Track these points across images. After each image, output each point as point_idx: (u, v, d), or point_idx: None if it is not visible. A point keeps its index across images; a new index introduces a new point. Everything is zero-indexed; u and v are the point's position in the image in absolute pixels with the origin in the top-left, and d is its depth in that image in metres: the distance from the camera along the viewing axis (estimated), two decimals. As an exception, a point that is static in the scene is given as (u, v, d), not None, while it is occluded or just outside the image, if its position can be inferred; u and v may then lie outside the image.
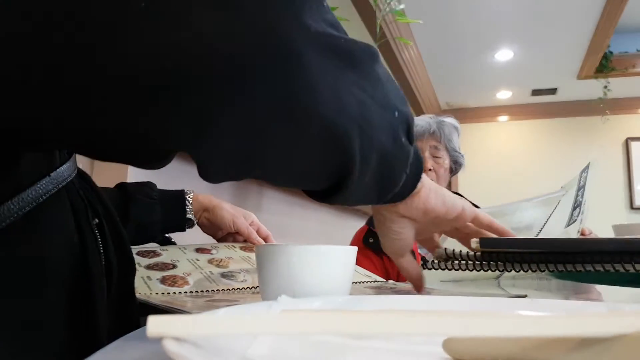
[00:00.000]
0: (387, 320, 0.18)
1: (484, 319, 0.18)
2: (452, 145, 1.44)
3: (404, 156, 0.38)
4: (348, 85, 0.29)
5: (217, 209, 0.77)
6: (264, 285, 0.38)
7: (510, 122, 5.21)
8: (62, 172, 0.37)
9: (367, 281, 0.73)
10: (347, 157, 0.31)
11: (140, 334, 0.33)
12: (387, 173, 0.37)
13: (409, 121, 0.37)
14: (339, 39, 0.29)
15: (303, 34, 0.26)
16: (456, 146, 1.46)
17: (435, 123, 1.45)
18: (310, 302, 0.32)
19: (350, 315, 0.18)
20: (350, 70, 0.30)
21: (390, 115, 0.34)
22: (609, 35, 3.50)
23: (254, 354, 0.21)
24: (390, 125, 0.34)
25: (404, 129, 0.37)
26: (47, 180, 0.35)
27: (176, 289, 0.53)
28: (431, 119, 1.47)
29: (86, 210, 0.41)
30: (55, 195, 0.36)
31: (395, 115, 0.35)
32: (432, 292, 0.56)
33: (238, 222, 0.77)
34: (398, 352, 0.24)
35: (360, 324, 0.18)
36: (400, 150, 0.36)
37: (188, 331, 0.18)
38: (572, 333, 0.17)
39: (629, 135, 4.86)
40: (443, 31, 3.57)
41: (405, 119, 0.37)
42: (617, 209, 4.75)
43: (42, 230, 0.35)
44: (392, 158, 0.36)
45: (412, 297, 0.37)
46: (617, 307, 0.30)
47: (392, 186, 0.39)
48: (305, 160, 0.30)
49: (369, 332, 0.18)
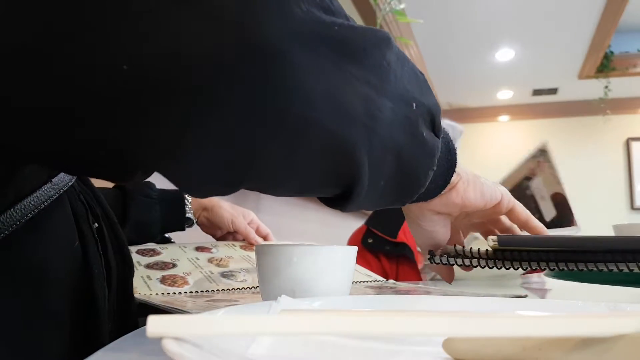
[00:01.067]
0: (386, 321, 0.18)
1: (484, 319, 0.18)
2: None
3: (429, 152, 0.33)
4: (348, 82, 0.26)
5: (216, 208, 0.77)
6: (264, 285, 0.38)
7: (511, 122, 5.21)
8: (62, 177, 0.37)
9: (368, 281, 0.73)
10: (352, 165, 0.28)
11: (140, 334, 0.33)
12: (408, 173, 0.33)
13: (433, 112, 0.33)
14: (332, 26, 0.24)
15: (286, 25, 0.22)
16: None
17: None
18: (311, 302, 0.32)
19: (350, 315, 0.18)
20: (349, 62, 0.26)
21: (406, 108, 0.30)
22: (609, 35, 3.50)
23: (254, 354, 0.21)
24: (406, 120, 0.30)
25: (426, 121, 0.33)
26: (48, 186, 0.35)
27: (176, 289, 0.53)
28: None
29: (87, 214, 0.42)
30: (56, 201, 0.36)
31: (413, 107, 0.31)
32: (432, 292, 0.56)
33: (237, 222, 0.77)
34: (398, 352, 0.24)
35: (360, 324, 0.18)
36: (422, 146, 0.32)
37: (188, 331, 0.18)
38: (573, 333, 0.17)
39: (630, 135, 4.86)
40: (443, 31, 3.57)
41: (427, 110, 0.32)
42: (617, 209, 4.75)
43: (44, 235, 0.35)
44: (412, 156, 0.32)
45: (412, 297, 0.37)
46: (617, 307, 0.30)
47: (416, 186, 0.35)
48: (303, 171, 0.27)
49: (369, 333, 0.18)
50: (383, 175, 0.31)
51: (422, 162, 0.33)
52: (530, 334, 0.18)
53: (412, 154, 0.32)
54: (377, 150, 0.29)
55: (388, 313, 0.18)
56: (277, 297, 0.30)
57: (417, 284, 0.86)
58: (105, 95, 0.20)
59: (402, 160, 0.31)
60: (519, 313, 0.31)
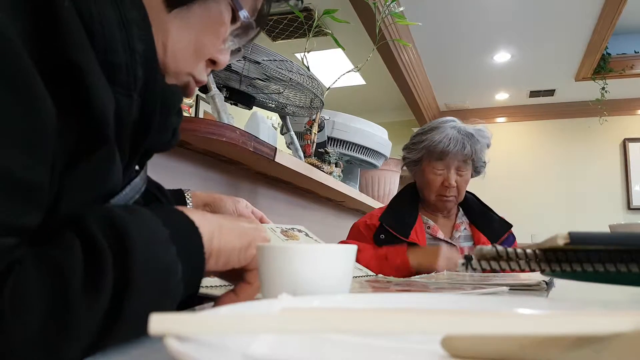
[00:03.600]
0: (386, 318, 0.18)
1: (482, 317, 0.18)
2: (479, 157, 1.37)
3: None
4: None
5: (218, 200, 0.80)
6: (265, 284, 0.38)
7: (508, 123, 5.23)
8: (137, 182, 0.43)
9: (361, 276, 0.74)
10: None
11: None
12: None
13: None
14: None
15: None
16: (482, 157, 1.38)
17: (465, 138, 1.32)
18: (311, 300, 0.32)
19: (350, 313, 0.18)
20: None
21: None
22: (606, 37, 3.51)
23: (255, 351, 0.22)
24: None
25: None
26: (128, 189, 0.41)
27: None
28: (461, 130, 1.33)
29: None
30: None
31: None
32: (429, 287, 0.56)
33: (240, 207, 0.80)
34: (397, 349, 0.24)
35: (360, 322, 0.18)
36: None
37: (190, 329, 0.18)
38: (571, 331, 0.17)
39: (627, 136, 4.88)
40: (442, 33, 3.58)
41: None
42: (614, 209, 4.77)
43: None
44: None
45: (412, 295, 0.37)
46: (617, 306, 0.30)
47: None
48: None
49: (369, 330, 0.18)
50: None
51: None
52: (528, 332, 0.18)
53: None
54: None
55: (387, 311, 0.18)
56: (277, 295, 0.30)
57: (411, 278, 0.86)
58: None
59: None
60: (518, 311, 0.31)
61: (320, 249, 0.37)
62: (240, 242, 0.39)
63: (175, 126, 0.47)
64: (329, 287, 0.36)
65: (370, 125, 1.84)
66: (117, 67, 0.36)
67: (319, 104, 1.41)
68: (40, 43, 0.31)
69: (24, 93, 0.28)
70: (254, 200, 1.40)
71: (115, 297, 0.28)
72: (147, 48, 0.38)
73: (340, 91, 4.38)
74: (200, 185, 1.16)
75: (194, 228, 0.35)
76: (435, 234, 1.36)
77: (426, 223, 1.38)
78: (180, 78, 0.46)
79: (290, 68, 1.21)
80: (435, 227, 1.37)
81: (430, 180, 1.35)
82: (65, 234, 0.30)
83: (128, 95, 0.37)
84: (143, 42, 0.38)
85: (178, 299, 0.33)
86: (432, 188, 1.35)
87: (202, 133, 0.96)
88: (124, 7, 0.36)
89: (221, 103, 1.07)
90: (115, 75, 0.36)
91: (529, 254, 0.41)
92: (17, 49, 0.28)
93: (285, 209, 1.61)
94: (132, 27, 0.37)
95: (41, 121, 0.29)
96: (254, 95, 1.30)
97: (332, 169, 1.64)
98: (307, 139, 1.58)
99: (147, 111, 0.40)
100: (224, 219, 0.40)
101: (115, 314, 0.28)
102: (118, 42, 0.35)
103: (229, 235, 0.38)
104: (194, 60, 0.46)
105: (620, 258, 0.40)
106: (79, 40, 0.32)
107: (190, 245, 0.34)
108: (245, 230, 0.40)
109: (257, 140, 1.08)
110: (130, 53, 0.36)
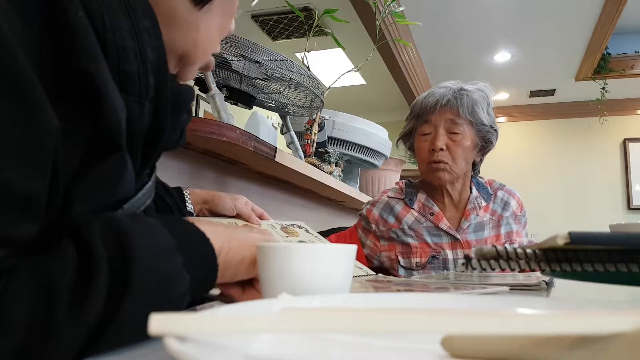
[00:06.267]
0: (386, 318, 0.18)
1: (482, 317, 0.18)
2: (478, 118, 1.13)
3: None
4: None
5: (217, 198, 0.80)
6: (265, 283, 0.38)
7: (508, 123, 5.22)
8: (149, 186, 0.44)
9: (361, 275, 0.74)
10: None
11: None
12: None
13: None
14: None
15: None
16: (485, 119, 1.14)
17: (452, 92, 1.14)
18: (311, 300, 0.32)
19: (350, 313, 0.18)
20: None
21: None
22: (607, 36, 3.51)
23: (255, 351, 0.22)
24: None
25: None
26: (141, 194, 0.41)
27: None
28: (450, 87, 1.16)
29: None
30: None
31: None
32: (431, 289, 0.56)
33: (239, 205, 0.80)
34: (397, 349, 0.24)
35: (360, 322, 0.18)
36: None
37: (189, 329, 0.18)
38: (571, 331, 0.17)
39: (627, 136, 4.88)
40: (442, 33, 3.58)
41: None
42: (614, 209, 4.77)
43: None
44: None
45: (412, 295, 0.37)
46: (617, 306, 0.30)
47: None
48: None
49: (369, 330, 0.18)
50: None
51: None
52: (528, 331, 0.18)
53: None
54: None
55: (388, 311, 0.18)
56: (277, 295, 0.30)
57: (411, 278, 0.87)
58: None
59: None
60: (518, 310, 0.31)
61: (321, 249, 0.37)
62: (250, 253, 0.40)
63: (184, 125, 0.48)
64: (329, 287, 0.36)
65: (370, 125, 1.84)
66: (129, 75, 0.36)
67: (319, 104, 1.41)
68: (53, 52, 0.31)
69: (24, 103, 0.28)
70: (254, 199, 1.40)
71: (113, 304, 0.28)
72: (158, 56, 0.38)
73: (341, 91, 4.38)
74: (200, 184, 1.17)
75: (205, 239, 0.35)
76: (437, 223, 1.15)
77: (430, 208, 1.18)
78: (205, 60, 0.48)
79: (290, 68, 1.21)
80: (439, 215, 1.16)
81: (419, 148, 1.17)
82: (63, 242, 0.29)
83: (140, 102, 0.37)
84: (154, 50, 0.38)
85: (181, 309, 0.33)
86: (422, 156, 1.16)
87: (202, 132, 0.96)
88: (136, 16, 0.37)
89: (221, 102, 1.07)
90: (127, 84, 0.36)
91: (529, 254, 0.41)
92: (19, 61, 0.28)
93: (285, 209, 1.61)
94: (144, 35, 0.37)
95: (40, 131, 0.29)
96: (254, 95, 1.30)
97: (332, 169, 1.64)
98: (307, 139, 1.58)
99: (159, 117, 0.40)
100: (234, 231, 0.40)
101: (112, 320, 0.28)
102: (130, 51, 0.36)
103: (239, 248, 0.39)
104: (218, 44, 0.49)
105: (620, 258, 0.40)
106: (92, 49, 0.32)
107: (199, 257, 0.35)
108: (255, 241, 0.40)
109: (257, 139, 1.08)
110: (142, 61, 0.37)
